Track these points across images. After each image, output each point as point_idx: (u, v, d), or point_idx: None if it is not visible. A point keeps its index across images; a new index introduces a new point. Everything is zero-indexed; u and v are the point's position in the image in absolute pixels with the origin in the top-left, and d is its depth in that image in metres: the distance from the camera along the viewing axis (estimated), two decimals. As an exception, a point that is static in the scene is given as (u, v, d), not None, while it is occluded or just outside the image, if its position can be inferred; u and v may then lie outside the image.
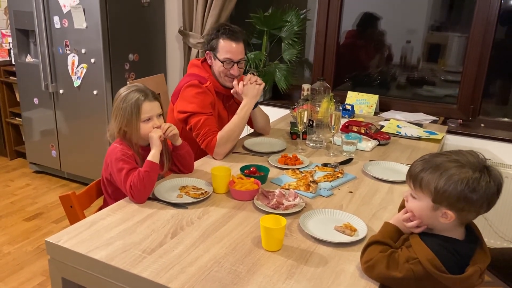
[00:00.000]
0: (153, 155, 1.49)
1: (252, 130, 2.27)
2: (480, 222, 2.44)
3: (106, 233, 1.24)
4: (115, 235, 1.23)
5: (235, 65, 1.94)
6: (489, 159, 1.14)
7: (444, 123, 2.62)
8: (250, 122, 2.18)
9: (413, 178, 1.11)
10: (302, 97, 2.96)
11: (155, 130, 1.52)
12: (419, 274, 1.03)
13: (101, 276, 1.13)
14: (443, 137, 2.23)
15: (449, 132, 2.49)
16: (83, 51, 2.98)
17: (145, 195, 1.43)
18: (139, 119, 1.52)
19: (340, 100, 2.68)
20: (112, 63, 2.99)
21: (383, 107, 2.86)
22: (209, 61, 2.00)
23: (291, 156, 1.86)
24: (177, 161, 1.67)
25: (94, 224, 1.29)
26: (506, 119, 2.66)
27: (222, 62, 1.93)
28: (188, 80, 1.90)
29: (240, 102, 1.96)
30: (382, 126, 2.36)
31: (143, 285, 1.06)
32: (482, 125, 2.65)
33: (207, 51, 1.98)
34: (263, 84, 2.01)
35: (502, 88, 2.70)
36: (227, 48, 1.91)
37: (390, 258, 1.07)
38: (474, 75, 2.61)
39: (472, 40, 2.59)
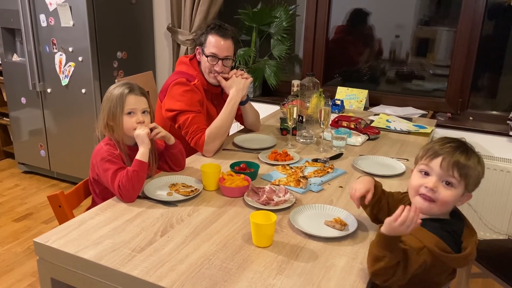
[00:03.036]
0: (142, 154, 1.46)
1: (242, 127, 2.27)
2: (469, 214, 2.47)
3: (95, 233, 1.23)
4: (104, 234, 1.22)
5: (220, 61, 1.92)
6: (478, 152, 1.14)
7: (433, 116, 2.64)
8: (240, 119, 2.18)
9: (461, 167, 1.07)
10: (292, 93, 2.96)
11: (141, 127, 1.49)
12: (430, 262, 1.03)
13: (91, 275, 1.12)
14: (432, 130, 2.25)
15: (438, 125, 2.51)
16: (70, 49, 2.95)
17: (134, 195, 1.42)
18: (123, 111, 1.50)
19: (330, 95, 2.68)
20: (100, 61, 2.96)
21: (372, 101, 2.87)
22: (198, 57, 1.99)
23: (281, 152, 1.86)
24: (169, 160, 1.66)
25: (83, 224, 1.28)
26: (494, 112, 2.68)
27: (207, 56, 1.92)
28: (176, 78, 1.89)
29: None
30: (372, 121, 2.37)
31: (133, 284, 1.05)
32: (471, 118, 2.67)
33: (197, 47, 1.97)
34: (250, 79, 2.00)
35: (491, 82, 2.73)
36: (214, 43, 1.90)
37: (406, 265, 1.02)
38: (462, 69, 2.64)
39: (459, 34, 2.61)
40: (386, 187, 1.58)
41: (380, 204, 1.28)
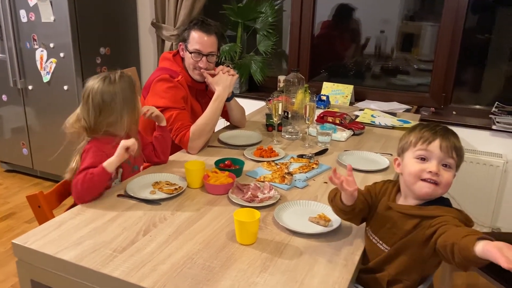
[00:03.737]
0: (109, 163, 1.39)
1: (227, 123, 2.25)
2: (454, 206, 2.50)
3: (75, 233, 1.21)
4: (85, 234, 1.20)
5: (204, 58, 1.90)
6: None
7: (417, 111, 2.66)
8: (225, 115, 2.16)
9: (457, 149, 1.10)
10: (278, 89, 2.95)
11: (126, 140, 1.41)
12: None
13: (71, 277, 1.10)
14: (416, 125, 2.26)
15: (422, 120, 2.52)
16: (51, 45, 2.89)
17: (82, 197, 1.37)
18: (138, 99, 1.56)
19: (315, 91, 2.69)
20: (82, 57, 2.90)
21: (358, 97, 2.88)
22: (181, 53, 1.97)
23: (266, 148, 1.85)
24: (157, 145, 1.67)
25: (63, 224, 1.25)
26: (477, 107, 2.71)
27: (191, 53, 1.89)
28: (159, 74, 1.86)
29: None
30: (357, 116, 2.37)
31: (114, 285, 1.04)
32: (454, 112, 2.70)
33: (180, 43, 1.95)
34: (236, 75, 1.98)
35: (474, 76, 2.76)
36: (198, 39, 1.88)
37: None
38: (445, 64, 2.66)
39: (442, 29, 2.63)
40: (370, 182, 1.58)
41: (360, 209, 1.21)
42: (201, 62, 1.91)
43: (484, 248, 0.86)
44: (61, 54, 2.88)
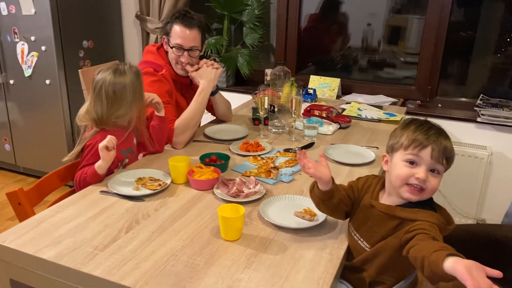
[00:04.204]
0: (99, 166, 1.44)
1: (214, 117, 2.22)
2: (439, 199, 2.52)
3: (55, 231, 1.18)
4: (65, 232, 1.17)
5: (186, 52, 1.86)
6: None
7: (403, 104, 2.66)
8: (211, 109, 2.14)
9: (447, 152, 1.08)
10: (265, 82, 2.93)
11: (102, 142, 1.43)
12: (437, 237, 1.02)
13: (51, 276, 1.07)
14: (402, 118, 2.26)
15: (408, 113, 2.53)
16: (32, 38, 2.82)
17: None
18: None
19: (302, 84, 2.68)
20: (64, 51, 2.84)
21: (345, 90, 2.88)
22: (165, 47, 1.93)
23: (252, 142, 1.84)
24: (154, 133, 1.69)
25: (43, 222, 1.22)
26: (463, 99, 2.73)
27: (172, 47, 1.86)
28: (143, 68, 1.82)
29: None
30: (344, 109, 2.37)
31: (94, 284, 1.01)
32: (440, 105, 2.71)
33: (164, 36, 1.91)
34: (221, 69, 1.96)
35: (460, 69, 2.77)
36: (179, 33, 1.84)
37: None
38: (431, 57, 2.66)
39: (428, 21, 2.63)
40: (356, 176, 1.57)
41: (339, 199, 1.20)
42: (182, 57, 1.87)
43: (453, 266, 0.84)
44: (43, 48, 2.81)
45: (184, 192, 1.43)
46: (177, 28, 1.84)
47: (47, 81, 2.87)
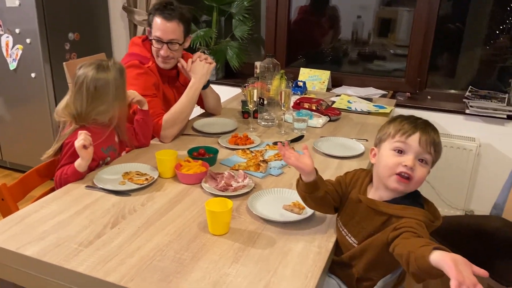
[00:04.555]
0: (79, 165, 1.40)
1: (202, 111, 2.20)
2: (428, 191, 2.54)
3: (39, 227, 1.15)
4: (49, 228, 1.15)
5: (165, 45, 1.80)
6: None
7: (393, 96, 2.66)
8: (200, 103, 2.11)
9: (436, 143, 1.08)
10: (255, 75, 2.91)
11: (79, 137, 1.39)
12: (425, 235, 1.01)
13: (34, 273, 1.05)
14: (391, 110, 2.26)
15: (397, 105, 2.53)
16: (17, 31, 2.76)
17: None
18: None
19: (292, 77, 2.66)
20: (50, 43, 2.78)
21: (335, 83, 2.86)
22: (150, 38, 1.89)
23: (241, 136, 1.82)
24: (139, 128, 1.67)
25: (26, 218, 1.20)
26: (452, 91, 2.74)
27: (151, 40, 1.82)
28: (128, 60, 1.79)
29: (186, 83, 1.87)
30: (333, 102, 2.36)
31: (79, 281, 0.99)
32: (429, 97, 2.71)
33: (148, 28, 1.87)
34: (214, 64, 1.92)
35: (450, 61, 2.77)
36: (158, 26, 1.78)
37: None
38: (420, 49, 2.66)
39: (417, 13, 2.62)
40: (345, 168, 1.58)
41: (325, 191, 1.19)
42: (161, 50, 1.81)
43: (439, 258, 0.83)
44: (28, 40, 2.75)
45: (171, 187, 1.41)
46: (157, 20, 1.79)
47: (33, 75, 2.82)
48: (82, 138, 1.37)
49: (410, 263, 0.91)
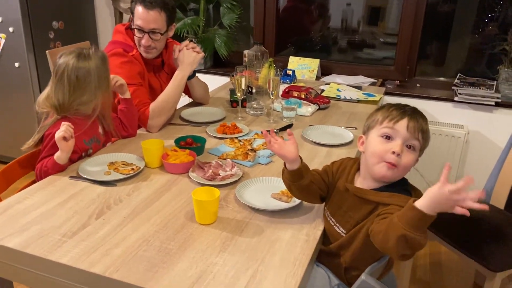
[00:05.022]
0: (58, 157, 1.36)
1: (190, 100, 2.17)
2: (417, 179, 2.55)
3: (21, 218, 1.13)
4: (32, 219, 1.13)
5: (146, 35, 1.75)
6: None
7: (382, 84, 2.66)
8: (188, 92, 2.08)
9: (424, 131, 1.07)
10: (244, 64, 2.88)
11: (60, 129, 1.34)
12: None
13: (17, 265, 1.03)
14: (380, 98, 2.26)
15: (386, 93, 2.53)
16: (-1, 19, 2.69)
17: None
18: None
19: (282, 65, 2.63)
20: (33, 32, 2.72)
21: (324, 71, 2.85)
22: (132, 27, 1.85)
23: (230, 125, 1.80)
24: (124, 117, 1.63)
25: (9, 209, 1.17)
26: (441, 79, 2.74)
27: (132, 29, 1.78)
28: (112, 49, 1.75)
29: (172, 72, 1.84)
30: (322, 90, 2.34)
31: (62, 272, 0.98)
32: (418, 85, 2.71)
33: (131, 16, 1.82)
34: (202, 54, 1.89)
35: (439, 49, 2.77)
36: (140, 14, 1.74)
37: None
38: (410, 37, 2.65)
39: (406, 1, 2.60)
40: (334, 157, 1.57)
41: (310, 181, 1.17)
42: (143, 39, 1.76)
43: (424, 195, 0.86)
44: (10, 29, 2.68)
45: (158, 176, 1.39)
46: (138, 9, 1.74)
47: (16, 64, 2.75)
48: (63, 130, 1.32)
49: (394, 228, 0.90)
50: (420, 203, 0.87)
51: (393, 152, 1.04)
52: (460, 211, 0.82)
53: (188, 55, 1.84)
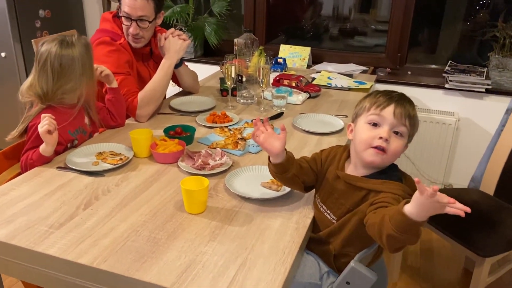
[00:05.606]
0: (44, 150, 1.34)
1: (180, 89, 2.15)
2: (408, 166, 2.56)
3: (7, 210, 1.11)
4: (18, 211, 1.11)
5: (134, 23, 1.72)
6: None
7: (373, 72, 2.65)
8: (177, 81, 2.06)
9: (411, 116, 1.06)
10: (234, 52, 2.84)
11: (42, 122, 1.31)
12: None
13: (3, 256, 1.01)
14: (371, 86, 2.25)
15: (377, 81, 2.52)
16: (-17, 8, 2.63)
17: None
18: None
19: (273, 54, 2.61)
20: (19, 21, 2.67)
21: (316, 59, 2.83)
22: (119, 15, 1.81)
23: (220, 114, 1.78)
24: (112, 107, 1.61)
25: (-6, 201, 1.15)
26: (432, 66, 2.74)
27: (120, 17, 1.74)
28: (99, 37, 1.72)
29: (161, 60, 1.81)
30: (313, 79, 2.33)
31: (50, 263, 0.97)
32: (409, 72, 2.71)
33: (118, 4, 1.79)
34: (188, 41, 1.86)
35: (431, 36, 2.76)
36: (127, 2, 1.70)
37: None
38: (401, 24, 2.64)
39: (398, -12, 2.59)
40: (325, 145, 1.57)
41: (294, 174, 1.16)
42: (130, 27, 1.73)
43: (411, 202, 0.85)
44: (-5, 18, 2.63)
45: (147, 166, 1.38)
46: None
47: (3, 54, 2.71)
48: (46, 123, 1.29)
49: (385, 226, 0.91)
50: (408, 209, 0.86)
51: (380, 138, 1.05)
52: (453, 211, 0.82)
53: (174, 43, 1.81)
